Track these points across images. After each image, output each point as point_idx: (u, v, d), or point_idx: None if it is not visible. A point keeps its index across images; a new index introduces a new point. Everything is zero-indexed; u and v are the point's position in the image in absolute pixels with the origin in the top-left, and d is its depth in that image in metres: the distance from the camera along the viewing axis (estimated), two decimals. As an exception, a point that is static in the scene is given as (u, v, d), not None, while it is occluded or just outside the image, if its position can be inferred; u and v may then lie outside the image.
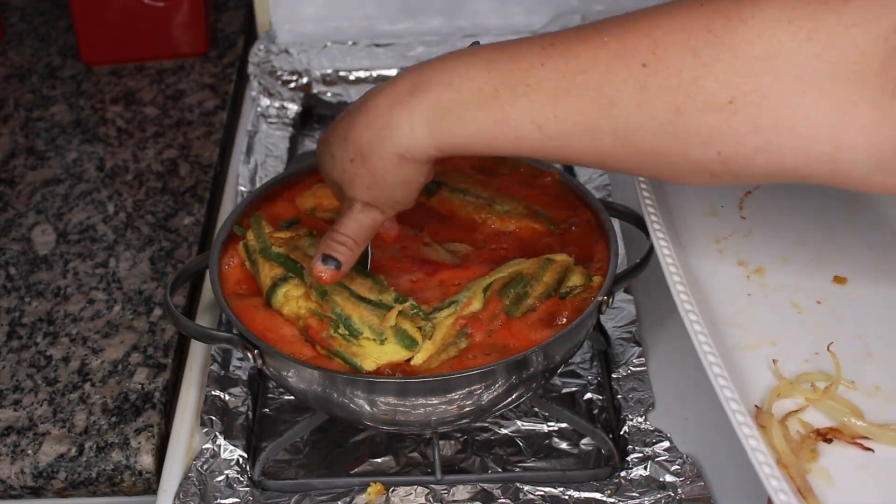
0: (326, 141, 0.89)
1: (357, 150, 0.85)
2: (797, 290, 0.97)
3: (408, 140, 0.82)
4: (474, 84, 0.80)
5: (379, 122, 0.83)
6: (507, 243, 1.05)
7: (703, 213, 1.05)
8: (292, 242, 1.01)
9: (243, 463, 1.00)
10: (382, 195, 0.87)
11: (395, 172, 0.85)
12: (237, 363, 1.09)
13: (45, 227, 1.31)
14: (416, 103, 0.81)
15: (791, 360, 0.89)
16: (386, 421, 0.94)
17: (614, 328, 1.11)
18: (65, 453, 1.04)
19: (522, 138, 0.80)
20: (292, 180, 1.12)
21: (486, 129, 0.80)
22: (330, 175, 0.90)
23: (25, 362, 1.13)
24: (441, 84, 0.81)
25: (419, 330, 0.93)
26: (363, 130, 0.84)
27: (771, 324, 0.93)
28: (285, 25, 1.54)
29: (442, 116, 0.81)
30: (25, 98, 1.54)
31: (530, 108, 0.79)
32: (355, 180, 0.86)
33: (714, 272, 0.98)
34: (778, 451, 0.80)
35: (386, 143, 0.83)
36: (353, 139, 0.85)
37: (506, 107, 0.79)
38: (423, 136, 0.82)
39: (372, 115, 0.84)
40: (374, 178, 0.85)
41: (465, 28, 1.54)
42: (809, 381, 0.87)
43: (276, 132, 1.42)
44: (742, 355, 0.90)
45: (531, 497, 0.95)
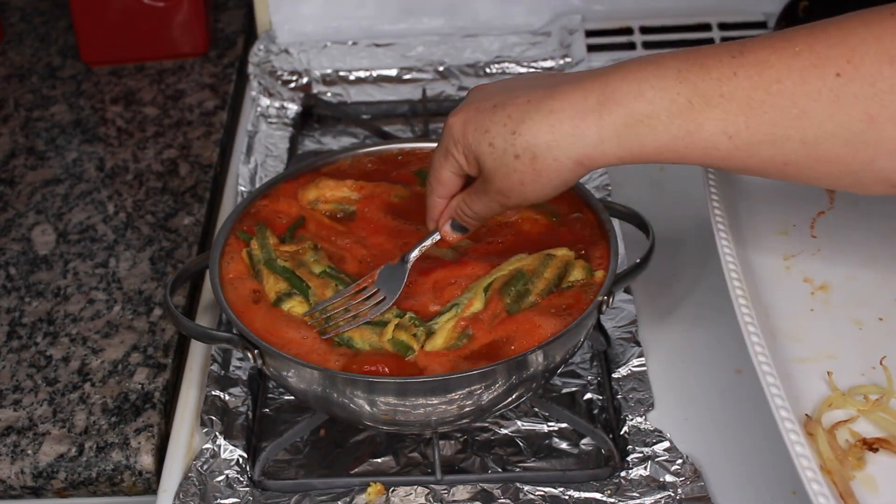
0: (481, 126, 0.88)
1: (528, 148, 0.85)
2: (860, 307, 0.98)
3: (592, 148, 0.83)
4: (667, 95, 0.81)
5: (564, 127, 0.83)
6: (507, 237, 1.05)
7: (775, 231, 1.06)
8: (297, 257, 1.02)
9: (243, 463, 0.99)
10: (528, 192, 0.88)
11: (563, 176, 0.86)
12: (237, 363, 1.09)
13: (45, 227, 1.31)
14: (607, 114, 0.82)
15: (847, 374, 0.91)
16: (386, 421, 0.94)
17: (614, 328, 1.10)
18: (65, 453, 1.04)
19: (712, 149, 0.81)
20: (292, 180, 1.12)
21: (677, 140, 0.81)
22: (478, 157, 0.88)
23: (25, 362, 1.13)
24: (632, 95, 0.82)
25: (413, 337, 0.94)
26: (542, 132, 0.84)
27: (830, 339, 0.95)
28: (285, 25, 1.54)
29: (633, 127, 0.82)
30: (25, 98, 1.54)
31: (723, 118, 0.80)
32: (513, 175, 0.86)
33: (779, 288, 1.00)
34: (822, 458, 0.83)
35: (568, 148, 0.84)
36: (527, 137, 0.85)
37: (699, 118, 0.80)
38: (611, 146, 0.83)
39: (556, 119, 0.84)
40: (535, 177, 0.86)
41: (465, 28, 1.54)
42: (863, 393, 0.89)
43: (276, 132, 1.42)
44: (798, 367, 0.92)
45: (531, 497, 0.95)
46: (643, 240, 1.03)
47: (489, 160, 0.87)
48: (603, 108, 0.83)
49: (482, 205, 0.92)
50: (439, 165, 0.93)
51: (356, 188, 1.10)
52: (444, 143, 0.91)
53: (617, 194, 1.28)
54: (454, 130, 0.89)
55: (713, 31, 1.56)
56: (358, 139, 1.44)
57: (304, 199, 1.09)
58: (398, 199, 1.10)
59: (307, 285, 0.99)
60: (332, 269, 1.01)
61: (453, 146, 0.90)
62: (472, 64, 1.50)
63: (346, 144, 1.43)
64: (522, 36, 1.52)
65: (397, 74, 1.50)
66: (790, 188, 1.10)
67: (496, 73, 1.49)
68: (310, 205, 1.09)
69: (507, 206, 0.91)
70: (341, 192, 1.10)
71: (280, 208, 1.09)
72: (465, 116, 0.89)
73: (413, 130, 1.44)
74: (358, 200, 1.09)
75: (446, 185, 0.94)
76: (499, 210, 0.92)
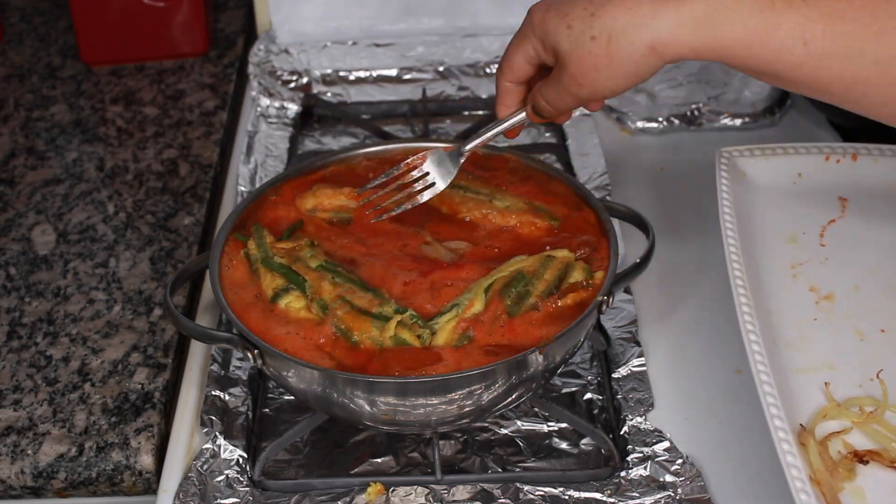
0: (561, 10, 0.88)
1: (605, 29, 0.85)
2: (863, 318, 0.99)
3: (668, 34, 0.84)
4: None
5: (643, 8, 0.84)
6: (506, 240, 1.05)
7: (784, 239, 1.07)
8: (294, 253, 1.02)
9: (243, 463, 0.99)
10: (601, 79, 0.88)
11: (635, 61, 0.86)
12: (237, 363, 1.09)
13: (45, 227, 1.31)
14: (688, 0, 0.83)
15: (845, 385, 0.92)
16: (386, 421, 0.94)
17: (614, 328, 1.10)
18: (65, 453, 1.04)
19: (784, 51, 0.82)
20: (292, 180, 1.12)
21: (753, 35, 0.82)
22: (555, 42, 0.89)
23: (25, 362, 1.13)
24: None
25: (418, 338, 0.94)
26: (620, 13, 0.85)
27: (831, 349, 0.96)
28: (285, 25, 1.54)
29: (711, 16, 0.82)
30: (25, 98, 1.54)
31: (803, 22, 0.81)
32: (587, 58, 0.87)
33: (784, 296, 1.01)
34: (813, 468, 0.84)
35: (643, 30, 0.84)
36: (605, 18, 0.85)
37: (779, 17, 0.81)
38: (686, 32, 0.83)
39: (635, 2, 0.84)
40: (609, 61, 0.86)
41: (465, 28, 1.54)
42: (858, 405, 0.90)
43: (276, 132, 1.42)
44: (798, 377, 0.93)
45: (531, 497, 0.95)
46: (643, 240, 1.03)
47: (566, 43, 0.88)
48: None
49: (556, 94, 0.92)
50: (513, 51, 0.94)
51: (353, 196, 1.09)
52: (521, 30, 0.92)
53: (617, 194, 1.28)
54: (534, 17, 0.91)
55: (713, 31, 1.55)
56: (358, 139, 1.44)
57: (302, 207, 1.09)
58: None
59: (304, 279, 0.99)
60: (328, 262, 1.01)
61: (531, 32, 0.91)
62: (472, 64, 1.50)
63: (346, 144, 1.43)
64: (522, 36, 1.51)
65: (397, 74, 1.50)
66: (803, 195, 1.11)
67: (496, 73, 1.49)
68: (308, 213, 1.09)
69: (580, 96, 0.90)
70: (339, 200, 1.09)
71: (279, 215, 1.09)
72: (548, 3, 0.90)
73: (413, 130, 1.44)
74: (355, 208, 1.09)
75: (516, 70, 0.95)
76: (571, 102, 0.91)
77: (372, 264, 1.02)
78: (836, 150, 1.14)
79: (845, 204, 1.11)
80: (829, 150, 1.14)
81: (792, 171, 1.14)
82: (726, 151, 1.14)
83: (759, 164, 1.14)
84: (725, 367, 1.08)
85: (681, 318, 1.14)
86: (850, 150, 1.13)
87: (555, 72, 0.91)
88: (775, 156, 1.14)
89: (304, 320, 0.97)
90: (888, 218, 1.08)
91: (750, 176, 1.13)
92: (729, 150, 1.14)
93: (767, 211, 1.10)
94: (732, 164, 1.13)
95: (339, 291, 0.97)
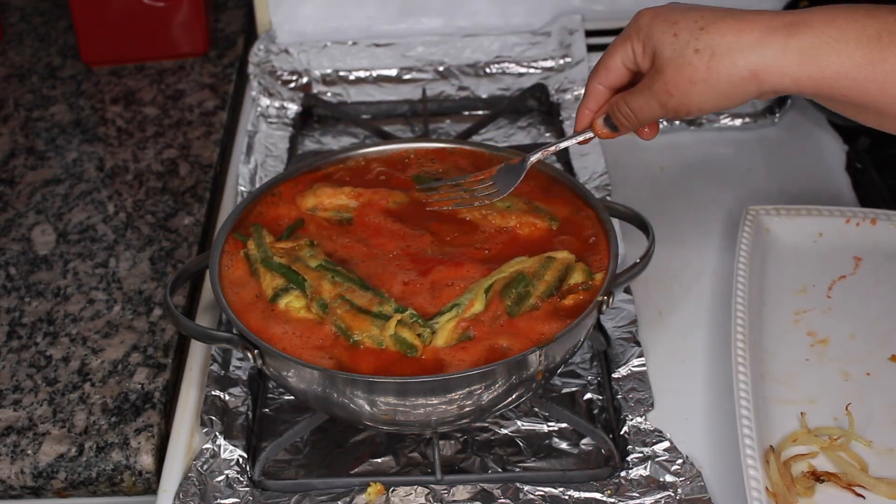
0: (671, 18, 0.89)
1: (711, 45, 0.87)
2: (852, 362, 1.06)
3: (772, 62, 0.85)
4: (857, 25, 0.84)
5: (753, 34, 0.85)
6: (505, 242, 1.05)
7: (794, 290, 1.14)
8: (293, 253, 1.02)
9: (243, 463, 0.99)
10: (693, 94, 0.88)
11: (733, 83, 0.87)
12: (237, 363, 1.09)
13: (45, 227, 1.31)
14: (796, 33, 0.84)
15: (820, 416, 1.00)
16: (386, 421, 0.94)
17: (614, 328, 1.10)
18: (65, 453, 1.04)
19: (890, 84, 0.83)
20: (292, 180, 1.12)
21: (858, 68, 0.83)
22: (657, 47, 0.90)
23: (25, 362, 1.13)
24: (824, 20, 0.84)
25: (418, 337, 0.94)
26: (730, 34, 0.86)
27: (816, 385, 1.04)
28: (285, 25, 1.54)
29: (818, 48, 0.84)
30: (25, 98, 1.54)
31: None
32: (686, 69, 0.88)
33: (782, 338, 1.09)
34: (771, 482, 0.93)
35: (749, 54, 0.85)
36: (713, 35, 0.87)
37: (885, 51, 0.83)
38: (791, 63, 0.85)
39: (746, 26, 0.86)
40: (707, 76, 0.87)
41: (465, 28, 1.54)
42: (828, 433, 0.98)
43: (276, 132, 1.42)
44: (777, 406, 1.02)
45: (531, 497, 0.95)
46: (643, 240, 1.03)
47: (668, 49, 0.89)
48: (793, 28, 0.85)
49: (642, 101, 0.92)
50: (613, 52, 0.94)
51: (354, 195, 1.09)
52: (625, 31, 0.93)
53: (617, 194, 1.28)
54: (642, 21, 0.91)
55: (713, 31, 1.55)
56: (358, 139, 1.44)
57: (302, 206, 1.09)
58: (396, 205, 1.09)
59: (303, 278, 0.99)
60: (327, 262, 1.01)
61: (635, 34, 0.92)
62: (472, 64, 1.50)
63: (346, 144, 1.43)
64: (522, 36, 1.52)
65: (397, 74, 1.50)
66: (821, 252, 1.19)
67: (496, 73, 1.49)
68: (309, 211, 1.09)
69: (668, 106, 0.91)
70: (339, 199, 1.09)
71: (280, 213, 1.09)
72: (659, 10, 0.91)
73: (413, 130, 1.44)
74: (356, 207, 1.09)
75: (611, 72, 0.95)
76: (657, 112, 0.92)
77: (372, 264, 1.02)
78: (857, 214, 1.21)
79: (859, 262, 1.17)
80: (851, 213, 1.21)
81: (813, 230, 1.20)
82: (753, 209, 1.21)
83: (782, 222, 1.21)
84: (725, 368, 1.08)
85: (681, 318, 1.14)
86: (870, 215, 1.21)
87: (646, 79, 0.92)
88: (799, 216, 1.21)
89: (304, 320, 0.97)
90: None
91: (773, 233, 1.20)
92: (756, 209, 1.21)
93: (784, 264, 1.17)
94: (758, 220, 1.20)
95: (339, 290, 0.97)
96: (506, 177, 1.00)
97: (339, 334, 0.95)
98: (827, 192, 1.30)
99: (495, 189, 0.98)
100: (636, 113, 0.93)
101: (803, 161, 1.36)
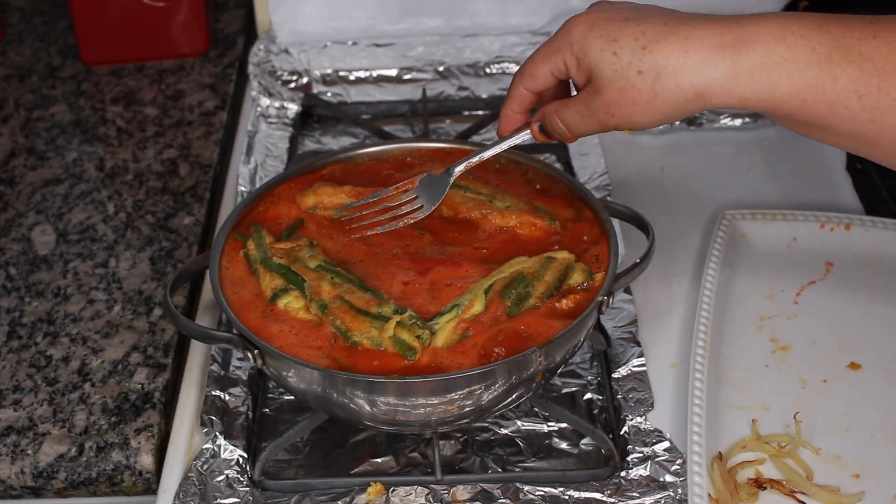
0: (609, 34, 0.87)
1: (656, 66, 0.84)
2: (811, 369, 1.07)
3: (719, 83, 0.83)
4: (808, 43, 0.81)
5: (699, 53, 0.83)
6: (505, 242, 1.05)
7: (762, 294, 1.15)
8: (293, 253, 1.02)
9: (243, 463, 0.99)
10: (635, 114, 0.86)
11: (677, 104, 0.85)
12: (237, 363, 1.09)
13: (45, 227, 1.31)
14: (745, 51, 0.82)
15: (772, 423, 1.01)
16: (386, 421, 0.94)
17: (614, 328, 1.10)
18: (65, 453, 1.04)
19: (839, 104, 0.82)
20: (292, 180, 1.12)
21: (809, 88, 0.82)
22: (595, 65, 0.87)
23: (25, 362, 1.13)
24: (773, 37, 0.82)
25: (417, 339, 0.94)
26: (675, 54, 0.83)
27: (771, 392, 1.05)
28: (285, 25, 1.54)
29: (768, 68, 0.82)
30: (25, 98, 1.54)
31: (858, 76, 0.81)
32: (628, 91, 0.85)
33: (745, 344, 1.10)
34: (715, 488, 0.95)
35: (695, 76, 0.83)
36: (657, 55, 0.84)
37: (835, 70, 0.81)
38: (740, 83, 0.83)
39: (691, 45, 0.83)
40: (651, 98, 0.85)
41: (465, 28, 1.54)
42: (777, 441, 0.99)
43: (276, 132, 1.42)
44: (730, 412, 1.03)
45: (531, 497, 0.95)
46: (643, 240, 1.03)
47: (608, 70, 0.86)
48: (741, 45, 0.82)
49: (579, 117, 0.90)
50: (541, 60, 0.91)
51: (354, 194, 1.09)
52: (556, 41, 0.90)
53: (617, 194, 1.28)
54: (575, 32, 0.88)
55: (713, 31, 1.55)
56: (358, 139, 1.44)
57: (302, 205, 1.09)
58: None
59: (302, 279, 0.99)
60: (327, 262, 1.01)
61: (567, 46, 0.89)
62: (472, 64, 1.50)
63: (346, 144, 1.43)
64: (522, 36, 1.52)
65: (397, 74, 1.50)
66: (793, 257, 1.19)
67: (496, 73, 1.49)
68: (309, 210, 1.09)
69: (607, 125, 0.89)
70: (339, 198, 1.09)
71: (280, 212, 1.09)
72: (593, 22, 0.88)
73: (413, 130, 1.44)
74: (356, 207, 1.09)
75: (538, 80, 0.93)
76: (594, 128, 0.90)
77: (372, 263, 1.02)
78: (832, 219, 1.22)
79: (830, 268, 1.18)
80: (826, 218, 1.22)
81: (788, 235, 1.21)
82: (729, 213, 1.22)
83: (758, 226, 1.22)
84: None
85: (681, 318, 1.14)
86: (844, 220, 1.21)
87: (583, 95, 0.89)
88: (774, 220, 1.22)
89: (303, 320, 0.97)
90: (865, 284, 1.16)
91: (749, 237, 1.21)
92: (732, 213, 1.22)
93: (756, 269, 1.18)
94: (733, 224, 1.21)
95: (338, 291, 0.97)
96: (429, 189, 0.96)
97: (338, 335, 0.95)
98: (827, 193, 1.30)
99: (419, 205, 0.96)
100: (571, 129, 0.92)
101: (803, 161, 1.36)
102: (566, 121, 0.91)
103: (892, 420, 1.02)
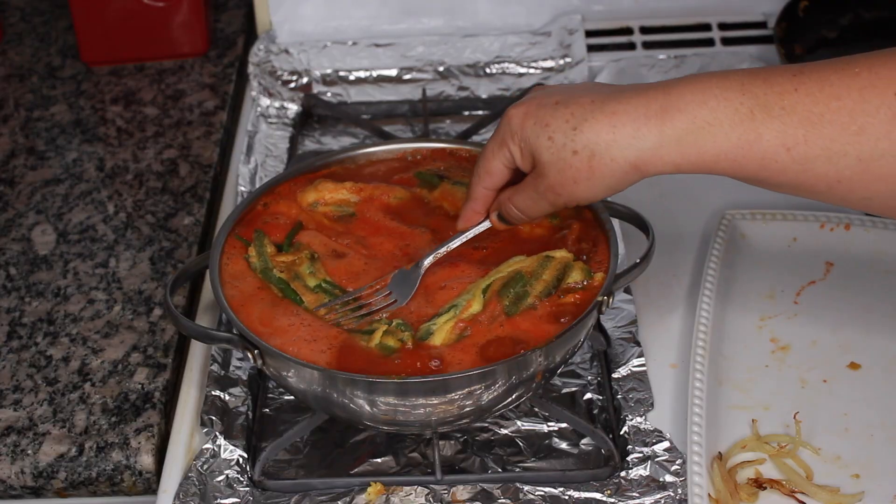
0: (542, 119, 0.89)
1: (588, 145, 0.86)
2: (811, 369, 1.07)
3: (651, 153, 0.85)
4: (730, 105, 0.83)
5: (626, 128, 0.85)
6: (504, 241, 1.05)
7: (763, 294, 1.15)
8: (293, 268, 1.02)
9: (243, 463, 1.00)
10: (579, 191, 0.89)
11: (617, 177, 0.87)
12: (237, 363, 1.09)
13: (45, 227, 1.31)
14: (669, 119, 0.84)
15: (772, 423, 1.01)
16: (386, 421, 0.94)
17: (614, 328, 1.10)
18: (65, 453, 1.04)
19: (768, 160, 0.83)
20: (292, 180, 1.12)
21: (736, 148, 0.83)
22: (534, 151, 0.90)
23: (25, 362, 1.13)
24: (696, 103, 0.84)
25: (399, 341, 0.94)
26: (604, 131, 0.86)
27: (771, 392, 1.05)
28: (285, 25, 1.54)
29: (694, 133, 0.84)
30: (25, 98, 1.54)
31: (783, 130, 0.82)
32: (568, 171, 0.88)
33: (745, 343, 1.10)
34: (715, 488, 0.95)
35: (627, 150, 0.85)
36: (588, 134, 0.86)
37: (760, 128, 0.82)
38: (670, 151, 0.85)
39: (618, 120, 0.85)
40: (590, 175, 0.87)
41: (465, 28, 1.54)
42: (777, 441, 0.99)
43: (276, 132, 1.42)
44: (732, 413, 1.03)
45: (531, 497, 0.95)
46: (643, 240, 1.03)
47: (546, 154, 0.88)
48: (665, 114, 0.84)
49: (531, 201, 0.93)
50: (491, 156, 0.94)
51: (355, 190, 1.10)
52: (499, 134, 0.93)
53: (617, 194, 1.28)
54: (513, 122, 0.91)
55: (713, 31, 1.55)
56: (358, 139, 1.44)
57: (303, 202, 1.09)
58: (397, 200, 1.10)
59: (301, 300, 0.99)
60: (327, 282, 1.01)
61: (510, 137, 0.91)
62: (472, 64, 1.50)
63: (346, 144, 1.43)
64: (522, 36, 1.52)
65: (397, 74, 1.50)
66: (793, 257, 1.19)
67: (496, 73, 1.49)
68: (309, 207, 1.09)
69: (556, 204, 0.91)
70: (340, 194, 1.10)
71: (280, 210, 1.09)
72: (526, 110, 0.90)
73: (413, 130, 1.44)
74: (357, 203, 1.09)
75: (494, 176, 0.95)
76: (547, 209, 0.93)
77: (371, 263, 1.02)
78: (832, 220, 1.21)
79: (830, 268, 1.18)
80: (826, 218, 1.21)
81: (788, 235, 1.21)
82: (729, 213, 1.22)
83: (758, 227, 1.22)
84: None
85: (681, 317, 1.14)
86: (844, 220, 1.21)
87: (530, 179, 0.92)
88: (774, 221, 1.22)
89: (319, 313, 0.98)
90: (865, 284, 1.16)
91: (749, 237, 1.21)
92: (732, 213, 1.22)
93: (756, 269, 1.18)
94: (733, 224, 1.21)
95: (336, 317, 0.97)
96: (402, 284, 0.99)
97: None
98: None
99: (393, 299, 0.98)
100: (526, 213, 0.94)
101: (803, 161, 1.36)
102: (519, 206, 0.94)
103: (892, 420, 1.02)
